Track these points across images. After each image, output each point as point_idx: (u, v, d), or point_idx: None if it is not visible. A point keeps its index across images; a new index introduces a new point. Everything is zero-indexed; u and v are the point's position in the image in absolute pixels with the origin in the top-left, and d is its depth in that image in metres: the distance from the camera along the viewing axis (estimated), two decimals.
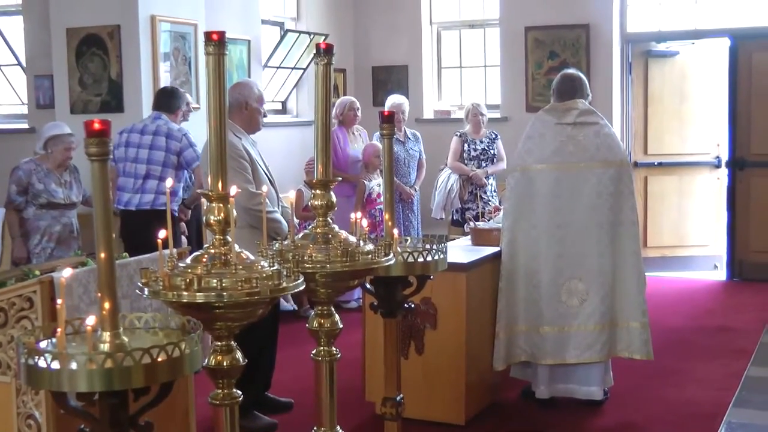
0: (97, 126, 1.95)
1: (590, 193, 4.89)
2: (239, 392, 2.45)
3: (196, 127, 6.39)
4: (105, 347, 1.98)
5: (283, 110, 9.45)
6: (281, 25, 9.22)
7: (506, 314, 4.94)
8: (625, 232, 4.94)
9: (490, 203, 7.50)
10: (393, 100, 8.01)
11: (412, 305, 3.48)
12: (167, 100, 6.16)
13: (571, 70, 5.34)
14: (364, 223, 2.98)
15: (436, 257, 3.21)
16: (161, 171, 5.94)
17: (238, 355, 2.43)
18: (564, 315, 4.90)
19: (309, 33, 8.88)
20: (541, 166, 4.94)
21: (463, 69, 9.92)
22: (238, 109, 4.86)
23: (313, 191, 2.88)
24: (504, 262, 4.98)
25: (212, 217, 2.37)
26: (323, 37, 8.46)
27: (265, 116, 5.06)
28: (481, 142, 7.99)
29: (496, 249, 5.20)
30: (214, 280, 2.26)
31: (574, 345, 4.88)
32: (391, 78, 9.82)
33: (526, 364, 5.06)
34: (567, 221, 4.89)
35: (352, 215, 3.03)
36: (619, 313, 4.94)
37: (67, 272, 2.11)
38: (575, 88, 5.07)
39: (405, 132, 7.91)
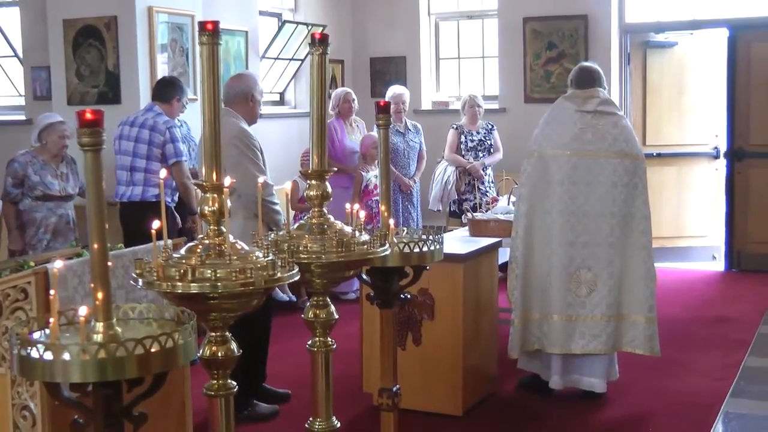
0: (89, 116, 1.93)
1: (605, 182, 4.87)
2: (234, 383, 2.45)
3: (194, 119, 6.38)
4: (98, 338, 1.97)
5: (281, 101, 9.44)
6: (279, 16, 9.20)
7: (521, 302, 4.93)
8: (636, 225, 4.92)
9: (487, 194, 7.49)
10: (394, 90, 7.98)
11: (409, 296, 3.48)
12: (162, 89, 6.10)
13: (589, 63, 5.36)
14: (362, 214, 2.97)
15: (432, 247, 3.20)
16: (146, 164, 5.86)
17: (233, 346, 2.42)
18: (572, 304, 4.89)
19: (306, 24, 8.86)
20: (558, 151, 4.90)
21: (462, 60, 9.90)
22: (244, 100, 4.85)
23: (308, 182, 2.87)
24: (520, 248, 4.94)
25: (206, 208, 2.36)
26: (321, 28, 8.44)
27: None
28: (478, 133, 7.98)
29: (493, 240, 5.19)
30: (209, 271, 2.25)
31: (579, 335, 4.87)
32: (389, 69, 9.79)
33: (533, 355, 5.05)
34: (581, 209, 4.86)
35: (347, 205, 3.02)
36: (626, 306, 4.92)
37: (58, 263, 2.10)
38: (594, 78, 5.07)
39: (405, 123, 7.88)
